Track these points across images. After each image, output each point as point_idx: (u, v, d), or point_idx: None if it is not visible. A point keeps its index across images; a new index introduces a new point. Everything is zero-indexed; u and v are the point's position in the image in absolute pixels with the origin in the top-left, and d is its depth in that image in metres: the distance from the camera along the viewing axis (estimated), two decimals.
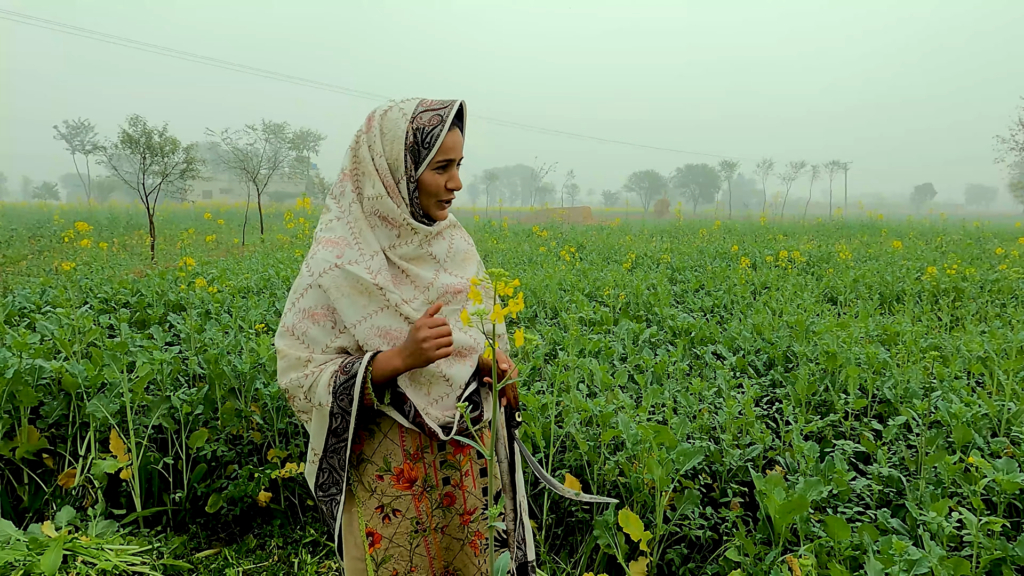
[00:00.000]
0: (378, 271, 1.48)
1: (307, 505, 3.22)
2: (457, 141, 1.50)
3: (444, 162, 1.49)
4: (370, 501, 1.58)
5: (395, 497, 1.57)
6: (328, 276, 1.48)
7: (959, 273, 7.51)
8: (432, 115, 1.47)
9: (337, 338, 1.51)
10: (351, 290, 1.48)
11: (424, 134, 1.46)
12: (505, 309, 1.02)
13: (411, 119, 1.47)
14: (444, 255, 1.61)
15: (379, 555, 1.58)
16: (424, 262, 1.57)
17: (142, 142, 14.18)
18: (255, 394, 3.30)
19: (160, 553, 2.74)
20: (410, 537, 1.59)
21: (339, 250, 1.48)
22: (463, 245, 1.67)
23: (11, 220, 23.82)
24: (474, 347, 1.60)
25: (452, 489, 1.60)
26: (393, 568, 1.59)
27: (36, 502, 3.03)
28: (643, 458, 2.56)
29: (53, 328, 3.87)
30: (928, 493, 2.33)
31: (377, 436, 1.57)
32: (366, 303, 1.48)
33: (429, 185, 1.50)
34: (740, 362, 4.00)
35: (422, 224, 1.53)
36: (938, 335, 5.19)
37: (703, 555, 2.53)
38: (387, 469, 1.56)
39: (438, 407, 1.54)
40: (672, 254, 11.04)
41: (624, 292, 6.40)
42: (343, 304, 1.48)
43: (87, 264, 8.04)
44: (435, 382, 1.54)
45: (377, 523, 1.58)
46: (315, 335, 1.51)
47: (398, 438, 1.56)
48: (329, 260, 1.48)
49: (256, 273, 7.43)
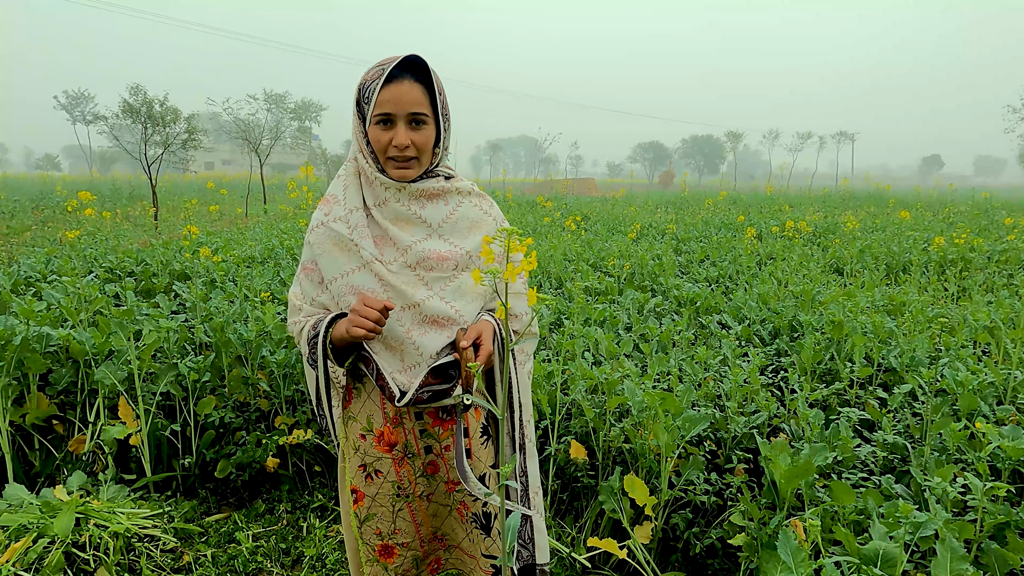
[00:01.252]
0: (355, 227, 1.51)
1: (314, 471, 3.25)
2: (397, 95, 1.43)
3: (382, 116, 1.45)
4: (354, 458, 1.61)
5: (376, 458, 1.58)
6: (316, 233, 1.55)
7: (967, 243, 7.46)
8: (376, 69, 1.45)
9: (322, 294, 1.57)
10: (332, 246, 1.52)
11: (365, 88, 1.45)
12: (518, 268, 1.00)
13: (362, 76, 1.48)
14: (440, 220, 1.55)
15: (362, 512, 1.61)
16: (410, 224, 1.54)
17: (143, 112, 14.08)
18: (261, 362, 3.31)
19: (171, 517, 2.78)
20: (392, 500, 1.59)
21: (328, 207, 1.55)
22: (474, 213, 1.60)
23: (14, 191, 23.80)
24: (453, 318, 1.53)
25: (435, 458, 1.59)
26: (376, 527, 1.61)
27: (47, 467, 3.07)
28: (648, 425, 2.58)
29: (59, 296, 3.88)
30: (933, 460, 2.34)
31: (361, 395, 1.59)
32: (345, 260, 1.51)
33: (375, 141, 1.48)
34: (745, 331, 3.99)
35: (394, 181, 1.51)
36: (944, 305, 5.18)
37: (707, 520, 2.56)
38: (369, 429, 1.58)
39: (409, 374, 1.51)
40: (677, 225, 10.98)
41: (629, 262, 6.38)
42: (324, 260, 1.54)
43: (91, 234, 8.03)
44: (407, 349, 1.51)
45: (360, 481, 1.60)
46: (307, 287, 1.59)
47: (379, 400, 1.57)
48: (319, 218, 1.56)
49: (260, 243, 7.42)
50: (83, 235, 7.29)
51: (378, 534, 1.60)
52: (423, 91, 1.45)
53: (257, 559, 2.65)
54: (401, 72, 1.43)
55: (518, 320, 1.65)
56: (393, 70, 1.43)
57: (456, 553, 1.68)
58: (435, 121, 1.50)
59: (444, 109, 1.51)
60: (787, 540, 1.58)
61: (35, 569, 2.24)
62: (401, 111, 1.44)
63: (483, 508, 1.62)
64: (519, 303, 1.64)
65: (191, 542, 2.72)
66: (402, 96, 1.43)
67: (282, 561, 2.67)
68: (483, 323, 1.53)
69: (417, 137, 1.47)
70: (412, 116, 1.45)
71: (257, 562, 2.64)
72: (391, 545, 1.60)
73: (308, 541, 2.77)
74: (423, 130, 1.48)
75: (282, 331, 3.38)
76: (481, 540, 1.62)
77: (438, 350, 1.52)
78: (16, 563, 2.22)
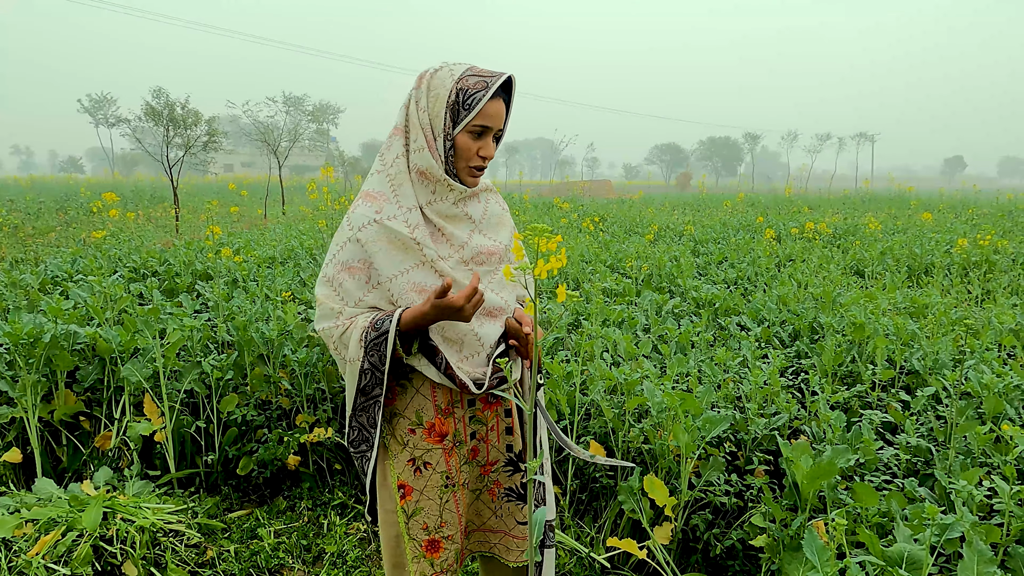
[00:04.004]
0: (415, 226, 1.53)
1: (335, 469, 3.28)
2: (498, 111, 1.53)
3: (480, 128, 1.52)
4: (402, 454, 1.64)
5: (426, 451, 1.62)
6: (367, 231, 1.52)
7: (991, 245, 7.34)
8: (478, 80, 1.51)
9: (369, 293, 1.56)
10: (388, 245, 1.52)
11: (466, 95, 1.50)
12: (548, 264, 1.02)
13: (457, 80, 1.51)
14: (480, 216, 1.64)
15: (410, 507, 1.64)
16: (460, 221, 1.61)
17: (165, 114, 14.27)
18: (283, 360, 3.35)
19: (194, 512, 2.82)
20: (440, 491, 1.64)
21: (378, 205, 1.54)
22: (497, 209, 1.70)
23: (39, 193, 24.22)
24: (504, 308, 1.64)
25: (477, 443, 1.67)
26: (423, 521, 1.64)
27: (74, 463, 3.13)
28: (668, 426, 2.57)
29: (86, 295, 3.95)
30: (958, 463, 2.32)
31: (409, 391, 1.62)
32: (403, 258, 1.53)
33: (462, 148, 1.53)
34: (765, 333, 3.97)
35: (458, 184, 1.57)
36: (968, 308, 5.10)
37: (728, 521, 2.55)
38: (419, 423, 1.62)
39: (469, 363, 1.59)
40: (695, 226, 10.92)
41: (647, 264, 6.36)
42: (380, 259, 1.52)
43: (114, 235, 8.16)
44: (467, 340, 1.57)
45: (409, 476, 1.63)
46: (349, 288, 1.55)
47: (430, 393, 1.61)
48: (368, 215, 1.53)
49: (280, 243, 7.50)
50: (107, 236, 7.41)
51: (425, 528, 1.64)
52: (505, 110, 1.57)
53: (279, 555, 2.68)
54: (498, 89, 1.53)
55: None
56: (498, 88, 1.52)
57: (476, 535, 1.76)
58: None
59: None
60: (812, 540, 1.57)
61: (64, 561, 2.29)
62: (495, 126, 1.54)
63: (521, 481, 1.72)
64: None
65: (214, 538, 2.76)
66: (499, 113, 1.53)
67: (303, 557, 2.70)
68: (520, 311, 1.68)
69: (494, 151, 1.58)
70: (498, 132, 1.57)
71: (279, 558, 2.67)
72: (437, 539, 1.65)
73: (329, 538, 2.80)
74: (497, 145, 1.60)
75: (303, 330, 3.41)
76: (518, 510, 1.72)
77: (495, 340, 1.62)
78: (46, 556, 2.27)
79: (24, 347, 2.93)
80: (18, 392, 2.92)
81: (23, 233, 11.11)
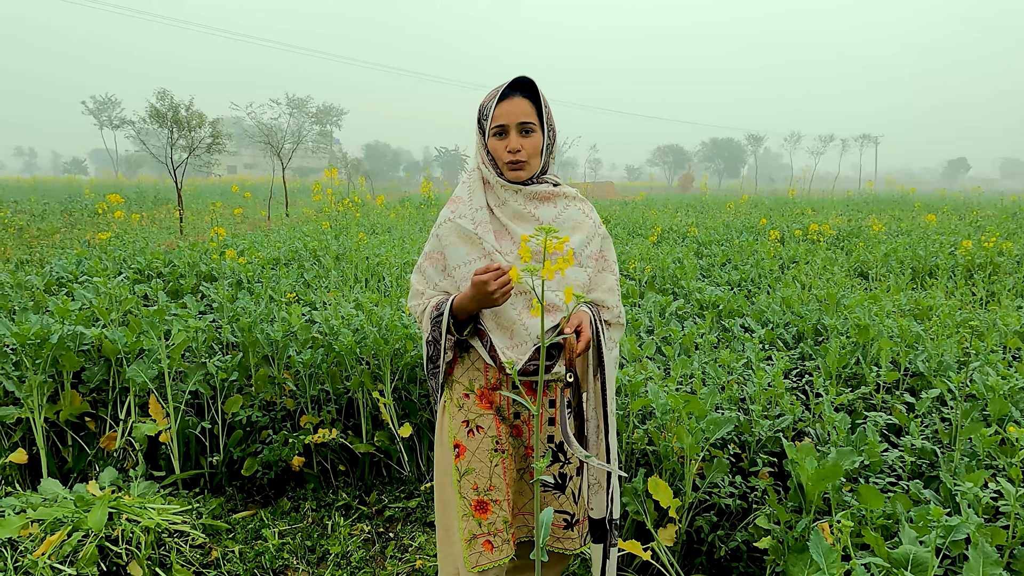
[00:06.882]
0: (480, 223, 1.77)
1: (339, 471, 3.29)
2: (508, 109, 1.72)
3: (498, 128, 1.74)
4: (458, 415, 1.83)
5: (479, 415, 1.82)
6: (443, 227, 1.82)
7: (995, 247, 7.33)
8: (489, 92, 1.77)
9: (444, 279, 1.83)
10: (457, 239, 1.79)
11: (484, 109, 1.77)
12: (555, 266, 1.03)
13: (480, 103, 1.79)
14: (550, 220, 1.82)
15: (463, 466, 1.80)
16: (526, 221, 1.80)
17: (169, 116, 14.30)
18: (287, 361, 3.36)
19: (199, 513, 2.83)
20: (490, 455, 1.81)
21: (455, 207, 1.82)
22: (577, 216, 1.85)
23: (43, 194, 24.31)
24: (558, 306, 1.77)
25: (520, 424, 1.84)
26: (474, 482, 1.79)
27: (80, 463, 3.14)
28: (672, 427, 2.57)
29: (91, 296, 3.96)
30: (963, 465, 2.31)
31: (465, 363, 1.85)
32: (468, 250, 1.77)
33: (493, 149, 1.77)
34: (769, 335, 3.97)
35: (511, 184, 1.77)
36: (973, 310, 5.09)
37: (732, 523, 2.55)
38: (472, 390, 1.83)
39: (517, 351, 1.76)
40: (698, 228, 10.92)
41: (650, 265, 6.36)
42: (451, 251, 1.80)
43: (119, 236, 8.19)
44: (516, 329, 1.75)
45: (463, 436, 1.82)
46: (430, 274, 1.85)
47: (483, 368, 1.83)
48: (446, 215, 1.82)
49: (284, 245, 7.51)
50: (112, 237, 7.43)
51: (475, 489, 1.78)
52: (531, 105, 1.74)
53: (283, 556, 2.69)
54: (512, 91, 1.73)
55: (610, 311, 1.89)
56: (505, 90, 1.73)
57: (518, 519, 1.89)
58: (542, 130, 1.76)
59: (549, 120, 1.77)
60: (819, 541, 1.57)
61: (70, 562, 2.29)
62: (512, 121, 1.73)
63: (559, 470, 1.86)
64: (611, 298, 1.88)
65: (219, 538, 2.76)
66: (513, 108, 1.72)
67: (308, 558, 2.71)
68: (582, 313, 1.79)
69: (527, 143, 1.74)
70: (522, 125, 1.73)
71: (283, 559, 2.68)
72: (486, 501, 1.78)
73: (333, 539, 2.81)
74: (532, 137, 1.75)
75: (308, 331, 3.42)
76: (554, 499, 1.87)
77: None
78: (52, 556, 2.28)
79: (31, 348, 2.94)
80: (24, 392, 2.94)
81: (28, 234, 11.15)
